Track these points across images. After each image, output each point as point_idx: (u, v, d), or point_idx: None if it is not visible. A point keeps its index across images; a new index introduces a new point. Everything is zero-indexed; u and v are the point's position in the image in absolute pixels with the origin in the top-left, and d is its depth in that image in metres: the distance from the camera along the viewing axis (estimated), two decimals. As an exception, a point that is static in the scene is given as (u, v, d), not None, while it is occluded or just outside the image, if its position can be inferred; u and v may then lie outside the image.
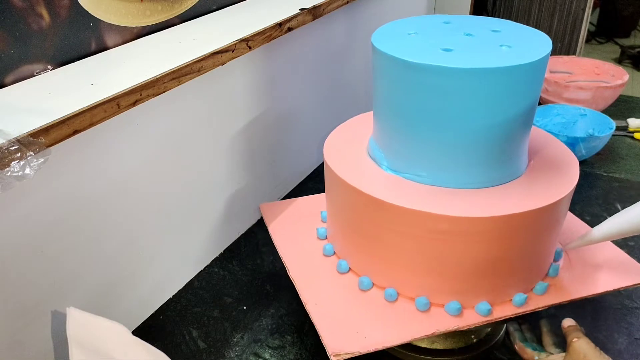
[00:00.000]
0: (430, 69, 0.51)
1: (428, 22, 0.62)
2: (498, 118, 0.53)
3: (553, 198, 0.55)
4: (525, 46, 0.54)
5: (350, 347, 0.54)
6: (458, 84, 0.51)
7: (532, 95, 0.55)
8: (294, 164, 1.04)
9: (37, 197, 0.56)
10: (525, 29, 0.59)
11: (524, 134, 0.58)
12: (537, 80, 0.54)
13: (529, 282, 0.61)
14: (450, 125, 0.54)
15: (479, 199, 0.55)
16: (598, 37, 2.09)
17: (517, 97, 0.53)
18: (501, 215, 0.53)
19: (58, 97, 0.56)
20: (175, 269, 0.79)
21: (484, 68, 0.50)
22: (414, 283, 0.59)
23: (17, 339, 0.58)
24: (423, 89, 0.53)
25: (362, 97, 1.22)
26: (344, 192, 0.60)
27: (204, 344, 0.70)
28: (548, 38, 0.56)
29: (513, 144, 0.57)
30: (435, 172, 0.57)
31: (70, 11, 0.63)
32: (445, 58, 0.52)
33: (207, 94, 0.76)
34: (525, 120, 0.56)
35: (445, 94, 0.52)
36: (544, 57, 0.52)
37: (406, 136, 0.57)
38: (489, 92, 0.51)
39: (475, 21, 0.61)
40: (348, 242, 0.64)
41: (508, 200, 0.55)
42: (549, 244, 0.60)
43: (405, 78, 0.54)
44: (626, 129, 1.17)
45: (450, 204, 0.55)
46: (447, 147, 0.55)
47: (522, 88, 0.52)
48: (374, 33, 0.60)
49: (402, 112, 0.56)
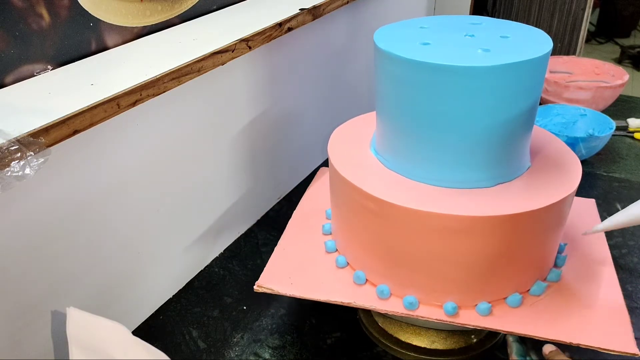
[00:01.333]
0: (430, 67, 0.51)
1: (430, 22, 0.62)
2: (500, 116, 0.53)
3: (558, 196, 0.55)
4: (527, 44, 0.54)
5: (273, 285, 0.63)
6: (460, 81, 0.51)
7: (534, 92, 0.55)
8: (294, 164, 1.04)
9: (37, 197, 0.56)
10: (528, 28, 0.59)
11: (526, 132, 0.58)
12: (538, 78, 0.54)
13: (527, 282, 0.61)
14: (453, 124, 0.54)
15: (482, 198, 0.55)
16: (598, 37, 2.09)
17: (519, 94, 0.53)
18: (506, 214, 0.53)
19: (58, 97, 0.56)
20: (175, 269, 0.79)
21: (486, 66, 0.50)
22: (407, 281, 0.60)
23: (17, 339, 0.58)
24: (424, 87, 0.53)
25: (362, 97, 1.22)
26: (346, 190, 0.60)
27: (204, 344, 0.70)
28: (548, 37, 0.56)
29: (516, 142, 0.57)
30: (438, 172, 0.57)
31: (70, 11, 0.63)
32: (446, 56, 0.52)
33: (207, 94, 0.76)
34: (527, 119, 0.56)
35: (447, 92, 0.52)
36: (545, 54, 0.52)
37: (409, 135, 0.57)
38: (491, 89, 0.51)
39: (477, 21, 0.62)
40: (344, 235, 0.65)
41: (512, 198, 0.55)
42: (551, 243, 0.60)
43: (406, 76, 0.54)
44: (626, 129, 1.17)
45: (453, 203, 0.55)
46: (450, 146, 0.55)
47: (524, 85, 0.52)
48: (376, 31, 0.60)
49: (405, 111, 0.56)
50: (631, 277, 0.77)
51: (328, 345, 0.69)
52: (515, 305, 0.59)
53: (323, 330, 0.71)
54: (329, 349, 0.68)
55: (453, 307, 0.57)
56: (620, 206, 0.92)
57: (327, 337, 0.70)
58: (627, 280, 0.76)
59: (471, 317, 0.58)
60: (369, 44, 1.17)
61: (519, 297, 0.59)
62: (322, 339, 0.69)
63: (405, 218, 0.55)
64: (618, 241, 0.84)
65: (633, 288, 0.75)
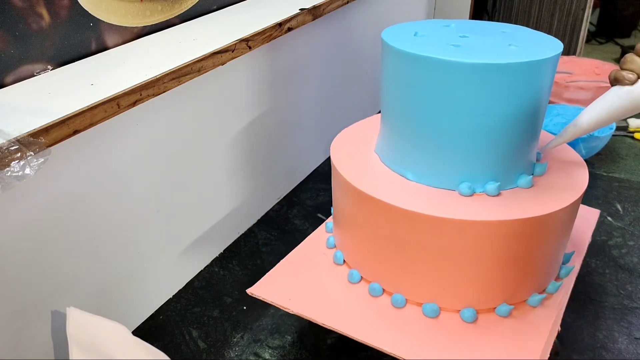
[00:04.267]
0: (441, 63, 0.51)
1: (435, 25, 0.62)
2: (503, 119, 0.53)
3: (568, 200, 0.55)
4: (535, 47, 0.54)
5: (267, 296, 0.62)
6: (467, 79, 0.51)
7: (542, 95, 0.55)
8: (294, 164, 1.04)
9: (37, 197, 0.56)
10: (537, 33, 0.59)
11: (532, 137, 0.58)
12: (545, 80, 0.54)
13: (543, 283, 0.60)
14: (459, 127, 0.54)
15: (490, 203, 0.55)
16: (598, 37, 2.08)
17: (522, 97, 0.53)
18: (517, 219, 0.53)
19: (58, 97, 0.56)
20: (175, 269, 0.79)
21: (494, 63, 0.50)
22: (398, 280, 0.59)
23: (17, 339, 0.58)
24: (433, 85, 0.53)
25: (362, 97, 1.22)
26: (350, 193, 0.60)
27: (204, 344, 0.70)
28: (560, 43, 0.56)
29: (524, 147, 0.57)
30: (443, 175, 0.57)
31: (70, 11, 0.63)
32: (464, 54, 0.52)
33: (207, 94, 0.76)
34: (532, 123, 0.56)
35: (455, 89, 0.52)
36: (553, 56, 0.52)
37: (415, 138, 0.57)
38: (499, 87, 0.51)
39: (487, 26, 0.62)
40: (350, 238, 0.64)
41: (521, 203, 0.55)
42: (560, 245, 0.60)
43: (415, 75, 0.54)
44: (626, 129, 1.17)
45: (461, 208, 0.54)
46: (456, 150, 0.55)
47: (530, 86, 0.52)
48: (383, 31, 0.60)
49: (414, 114, 0.56)
50: (631, 277, 0.77)
51: (328, 345, 0.69)
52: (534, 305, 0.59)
53: (323, 330, 0.71)
54: (329, 349, 0.68)
55: (434, 310, 0.57)
56: (620, 206, 0.92)
57: (327, 337, 0.70)
58: (627, 280, 0.76)
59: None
60: (369, 44, 1.17)
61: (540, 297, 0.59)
62: (322, 339, 0.69)
63: (414, 222, 0.54)
64: (618, 241, 0.84)
65: (633, 288, 0.75)
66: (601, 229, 0.87)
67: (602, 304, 0.73)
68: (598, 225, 0.88)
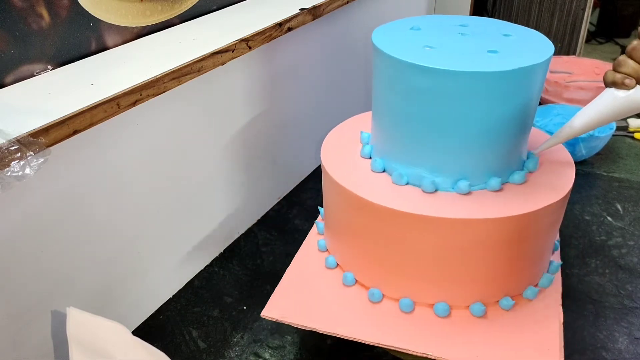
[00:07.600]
0: (423, 70, 0.51)
1: (432, 21, 0.62)
2: (494, 121, 0.53)
3: (555, 197, 0.55)
4: (526, 51, 0.54)
5: (280, 316, 0.60)
6: (452, 85, 0.51)
7: (531, 98, 0.54)
8: (294, 164, 1.04)
9: (37, 197, 0.56)
10: (533, 33, 0.59)
11: (524, 135, 0.58)
12: (535, 84, 0.54)
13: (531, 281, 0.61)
14: (447, 128, 0.53)
15: (479, 201, 0.55)
16: (598, 37, 2.09)
17: (513, 100, 0.53)
18: (505, 216, 0.53)
19: (58, 97, 0.56)
20: (175, 269, 0.79)
21: (479, 72, 0.50)
22: (399, 284, 0.60)
23: (17, 339, 0.58)
24: (416, 90, 0.53)
25: (362, 98, 1.22)
26: (340, 194, 0.60)
27: (204, 344, 0.70)
28: (551, 44, 0.56)
29: (512, 145, 0.57)
30: (433, 175, 0.57)
31: (70, 11, 0.63)
32: (440, 60, 0.51)
33: (207, 94, 0.76)
34: (524, 123, 0.56)
35: (440, 95, 0.52)
36: (542, 62, 0.52)
37: (404, 138, 0.57)
38: (484, 94, 0.51)
39: (482, 22, 0.62)
40: (341, 240, 0.64)
41: (509, 201, 0.55)
42: (548, 242, 0.61)
43: (399, 77, 0.54)
44: (626, 129, 1.17)
45: (450, 207, 0.54)
46: (444, 151, 0.55)
47: (518, 91, 0.52)
48: (374, 30, 0.60)
49: (401, 113, 0.56)
50: (631, 277, 0.77)
51: (328, 346, 0.69)
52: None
53: (323, 330, 0.71)
54: (329, 349, 0.68)
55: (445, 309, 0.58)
56: (620, 206, 0.92)
57: (327, 337, 0.70)
58: (627, 280, 0.76)
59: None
60: (369, 44, 1.17)
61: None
62: (322, 339, 0.69)
63: (404, 222, 0.54)
64: (618, 241, 0.84)
65: (633, 288, 0.75)
66: (601, 229, 0.87)
67: (602, 304, 0.73)
68: (598, 225, 0.88)
